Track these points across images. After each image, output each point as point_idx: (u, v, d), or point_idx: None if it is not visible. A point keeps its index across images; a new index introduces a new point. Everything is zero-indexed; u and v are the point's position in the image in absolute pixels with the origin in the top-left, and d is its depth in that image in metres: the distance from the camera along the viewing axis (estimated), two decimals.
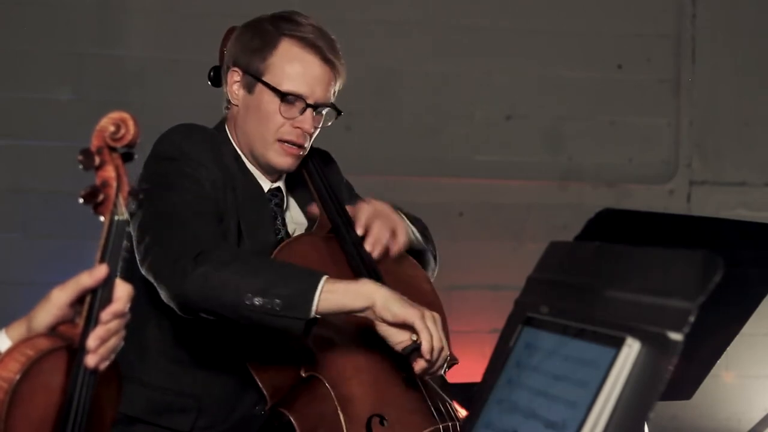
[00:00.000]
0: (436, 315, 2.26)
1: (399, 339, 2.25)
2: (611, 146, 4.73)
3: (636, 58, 4.74)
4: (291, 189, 2.62)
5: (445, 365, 2.39)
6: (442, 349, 2.25)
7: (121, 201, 1.64)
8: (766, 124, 4.87)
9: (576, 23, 4.67)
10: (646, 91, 4.76)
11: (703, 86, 4.80)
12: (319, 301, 2.18)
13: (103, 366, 1.63)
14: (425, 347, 2.22)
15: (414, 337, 2.23)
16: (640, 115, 4.76)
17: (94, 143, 1.65)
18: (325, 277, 2.20)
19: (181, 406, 2.48)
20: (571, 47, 4.67)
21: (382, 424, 2.32)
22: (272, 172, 2.56)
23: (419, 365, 2.26)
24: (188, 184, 2.36)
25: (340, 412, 2.29)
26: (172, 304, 2.27)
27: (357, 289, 2.22)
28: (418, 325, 2.21)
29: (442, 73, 4.56)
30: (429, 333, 2.22)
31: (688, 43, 4.79)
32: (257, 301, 2.18)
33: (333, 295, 2.19)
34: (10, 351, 1.58)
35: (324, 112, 2.50)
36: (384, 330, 2.25)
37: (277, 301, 2.17)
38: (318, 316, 2.20)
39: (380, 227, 2.52)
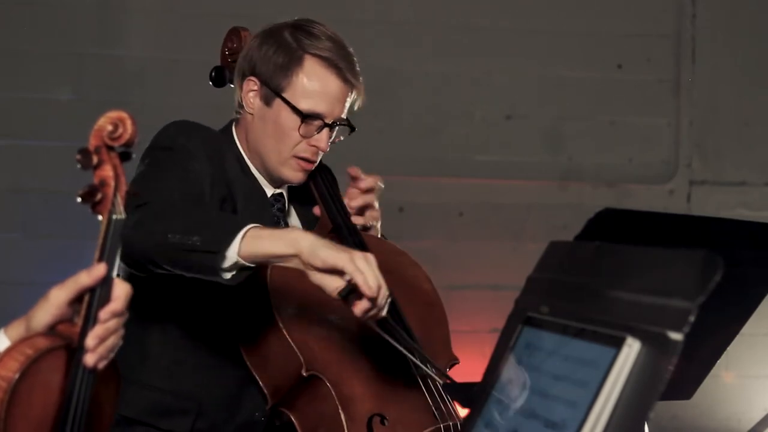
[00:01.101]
0: (369, 255, 2.14)
1: (334, 285, 2.12)
2: (611, 146, 4.73)
3: (636, 58, 4.74)
4: (292, 195, 2.62)
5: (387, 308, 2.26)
6: (380, 287, 2.13)
7: (119, 200, 1.64)
8: (766, 124, 4.87)
9: (576, 23, 4.67)
10: (646, 91, 4.76)
11: (703, 86, 4.80)
12: (241, 243, 2.10)
13: (102, 365, 1.64)
14: (360, 285, 2.09)
15: (347, 278, 2.11)
16: (640, 115, 4.77)
17: (92, 142, 1.65)
18: (253, 224, 2.13)
19: (180, 408, 2.48)
20: (571, 47, 4.67)
21: (383, 423, 2.32)
22: (278, 181, 2.56)
23: (359, 307, 2.13)
24: (176, 172, 2.34)
25: (341, 411, 2.29)
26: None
27: (282, 235, 2.14)
28: (349, 267, 2.09)
29: (442, 73, 4.56)
30: (362, 272, 2.10)
31: (688, 43, 4.79)
32: (176, 238, 2.12)
33: (258, 240, 2.11)
34: (9, 350, 1.58)
35: (338, 128, 2.51)
36: (318, 278, 2.13)
37: (196, 237, 2.11)
38: (244, 261, 2.11)
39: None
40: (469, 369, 2.44)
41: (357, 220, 2.58)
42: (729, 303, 1.68)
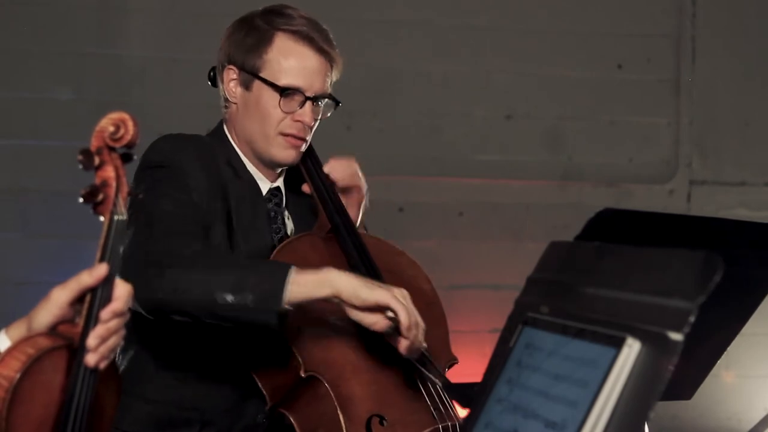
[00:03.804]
0: (405, 291, 2.27)
1: (372, 320, 2.25)
2: (611, 146, 4.73)
3: (636, 58, 4.74)
4: (290, 189, 2.62)
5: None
6: (417, 323, 2.26)
7: (121, 201, 1.64)
8: (766, 124, 4.87)
9: (576, 23, 4.67)
10: (646, 91, 4.76)
11: (703, 86, 4.80)
12: (288, 292, 2.18)
13: (103, 365, 1.64)
14: (404, 324, 2.23)
15: (390, 315, 2.24)
16: (640, 115, 4.77)
17: (94, 143, 1.65)
18: (293, 269, 2.20)
19: (184, 419, 2.48)
20: (571, 47, 4.68)
21: (381, 424, 2.32)
22: (273, 169, 2.55)
23: (403, 344, 2.27)
24: (174, 192, 2.35)
25: (339, 412, 2.29)
26: (141, 309, 2.25)
27: (321, 278, 2.22)
28: (394, 304, 2.22)
29: (442, 73, 4.56)
30: (405, 310, 2.23)
31: (688, 43, 4.79)
32: (229, 298, 2.18)
33: (300, 287, 2.19)
34: (10, 350, 1.59)
35: (322, 103, 2.50)
36: (355, 315, 2.25)
37: (250, 296, 2.17)
38: (289, 307, 2.20)
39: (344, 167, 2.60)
40: (469, 369, 2.44)
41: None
42: (729, 303, 1.68)
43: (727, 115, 4.84)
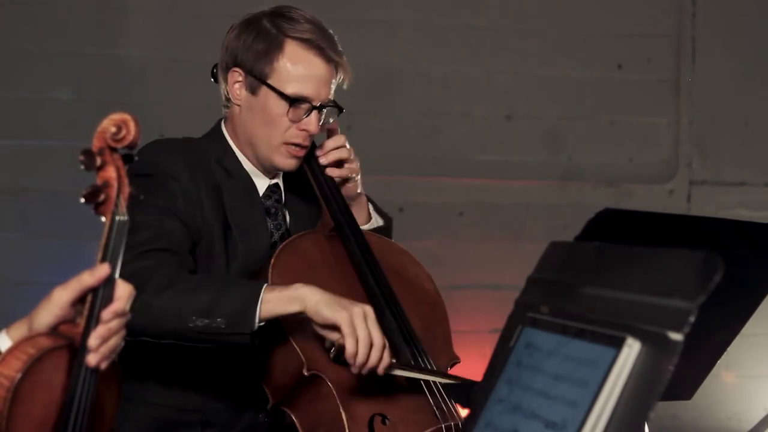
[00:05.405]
0: (367, 310, 2.24)
1: (335, 337, 2.26)
2: (611, 146, 4.73)
3: (636, 58, 4.74)
4: (290, 186, 2.61)
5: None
6: (371, 345, 2.23)
7: (122, 201, 1.65)
8: (766, 124, 4.87)
9: (576, 23, 4.67)
10: (646, 91, 4.76)
11: (703, 86, 4.80)
12: (260, 312, 2.20)
13: (104, 365, 1.64)
14: (349, 352, 2.22)
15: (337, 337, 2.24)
16: (640, 115, 4.77)
17: (96, 144, 1.65)
18: (264, 288, 2.22)
19: (185, 422, 2.48)
20: (571, 47, 4.67)
21: (384, 423, 2.33)
22: (272, 170, 2.56)
23: (354, 368, 2.25)
24: (158, 201, 2.34)
25: (342, 411, 2.30)
26: None
27: (290, 294, 2.23)
28: (345, 329, 2.21)
29: (442, 73, 4.56)
30: (354, 335, 2.21)
31: (688, 43, 4.79)
32: (201, 322, 2.20)
33: (269, 304, 2.21)
34: (11, 349, 1.59)
35: (326, 110, 2.50)
36: (320, 331, 2.27)
37: (220, 320, 2.20)
38: (262, 324, 2.22)
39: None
40: (469, 369, 2.44)
41: (333, 172, 2.57)
42: (729, 303, 1.68)
43: (727, 115, 4.84)
